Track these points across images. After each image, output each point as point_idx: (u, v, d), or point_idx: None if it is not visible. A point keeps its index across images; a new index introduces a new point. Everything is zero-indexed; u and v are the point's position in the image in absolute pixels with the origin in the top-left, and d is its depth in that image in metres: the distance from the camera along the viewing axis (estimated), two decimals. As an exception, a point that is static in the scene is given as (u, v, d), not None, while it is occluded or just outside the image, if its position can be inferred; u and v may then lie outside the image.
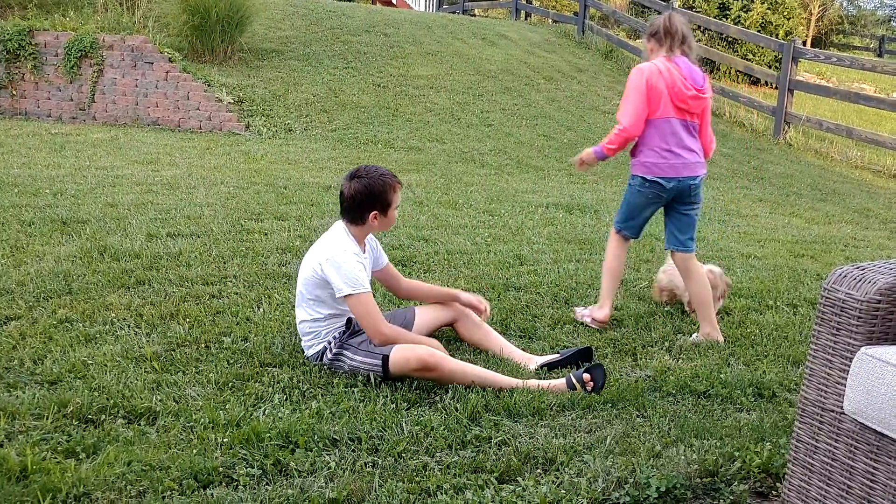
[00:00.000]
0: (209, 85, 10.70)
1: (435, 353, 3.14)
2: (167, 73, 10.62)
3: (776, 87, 13.02)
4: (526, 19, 19.44)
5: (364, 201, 3.35)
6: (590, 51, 15.71)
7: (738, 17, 18.83)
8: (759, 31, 16.99)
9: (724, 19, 18.69)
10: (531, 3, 21.94)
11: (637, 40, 21.06)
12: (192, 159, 8.25)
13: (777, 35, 17.18)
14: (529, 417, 2.94)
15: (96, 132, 9.64)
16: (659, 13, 16.72)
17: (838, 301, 2.22)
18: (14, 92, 10.64)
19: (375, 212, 3.39)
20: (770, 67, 15.92)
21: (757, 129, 12.74)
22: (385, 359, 3.16)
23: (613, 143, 4.16)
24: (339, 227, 3.42)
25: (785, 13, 18.17)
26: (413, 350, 3.14)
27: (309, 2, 15.72)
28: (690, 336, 3.97)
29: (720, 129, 12.57)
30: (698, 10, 19.08)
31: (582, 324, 4.04)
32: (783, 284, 5.04)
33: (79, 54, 10.55)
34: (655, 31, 4.02)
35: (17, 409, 2.73)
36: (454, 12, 20.37)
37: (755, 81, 16.85)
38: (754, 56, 17.06)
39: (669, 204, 4.13)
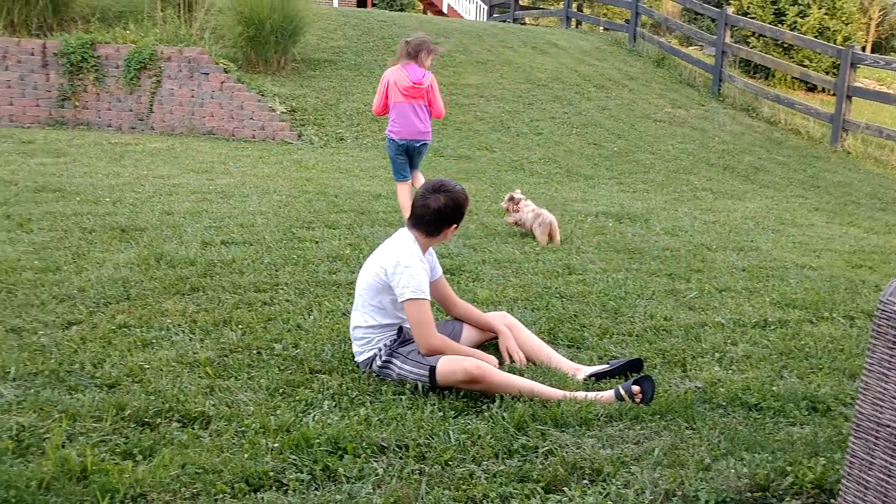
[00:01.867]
0: (263, 95, 10.90)
1: (481, 366, 3.15)
2: (222, 83, 10.85)
3: (834, 94, 12.74)
4: (577, 27, 19.38)
5: (451, 215, 3.41)
6: (641, 58, 15.58)
7: (795, 22, 18.48)
8: (816, 37, 16.67)
9: (780, 25, 18.36)
10: (582, 12, 21.86)
11: (690, 47, 20.81)
12: (245, 168, 8.41)
13: (835, 41, 16.83)
14: (576, 427, 2.93)
15: (154, 142, 9.89)
16: (713, 20, 16.44)
17: (895, 314, 2.17)
18: (77, 103, 10.98)
19: (455, 225, 3.45)
20: (827, 74, 15.60)
21: (813, 136, 12.48)
22: (432, 369, 3.18)
23: None
24: (406, 235, 3.46)
25: (843, 18, 17.77)
26: (459, 362, 3.16)
27: (361, 12, 15.91)
28: None
29: (775, 137, 12.36)
30: (753, 15, 18.77)
31: (631, 334, 4.01)
32: (839, 296, 4.93)
33: (138, 66, 10.85)
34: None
35: (79, 412, 2.82)
36: (505, 21, 20.39)
37: (812, 88, 16.53)
38: (811, 62, 16.74)
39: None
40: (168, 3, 12.01)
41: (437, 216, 3.40)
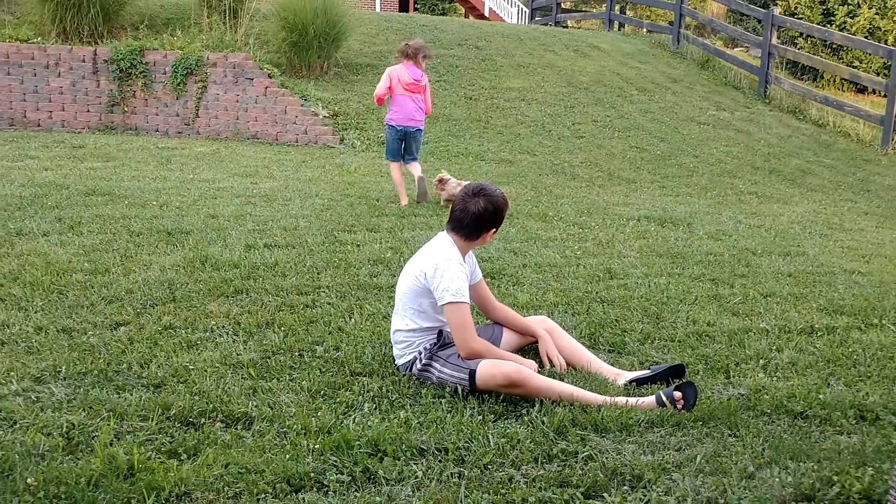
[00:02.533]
0: (306, 99, 11.02)
1: (521, 370, 3.15)
2: (266, 88, 10.99)
3: (885, 95, 12.46)
4: (620, 30, 19.23)
5: (490, 219, 3.42)
6: (685, 60, 15.41)
7: (844, 22, 18.13)
8: (866, 37, 16.32)
9: (829, 25, 18.04)
10: (625, 14, 21.70)
11: (735, 49, 20.53)
12: (288, 172, 8.51)
13: (886, 41, 16.44)
14: (617, 433, 2.91)
15: (199, 146, 10.07)
16: (759, 21, 16.19)
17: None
18: (126, 108, 11.22)
19: (494, 229, 3.47)
20: (878, 75, 15.26)
21: (863, 139, 12.22)
22: (472, 373, 3.19)
23: None
24: (445, 238, 3.47)
25: (894, 18, 17.35)
26: (499, 366, 3.16)
27: (403, 16, 16.00)
28: None
29: (823, 140, 12.14)
30: (801, 16, 18.47)
31: (673, 340, 3.97)
32: (889, 302, 4.82)
33: (185, 72, 11.05)
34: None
35: (126, 411, 2.89)
36: (547, 24, 20.33)
37: (861, 90, 16.18)
38: (861, 63, 16.40)
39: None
40: (214, 9, 12.21)
41: (476, 220, 3.40)
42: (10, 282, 4.27)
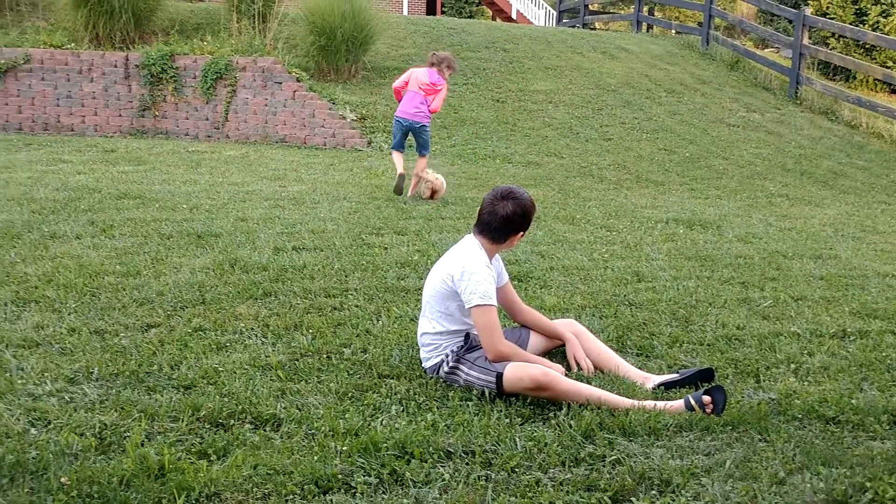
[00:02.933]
0: (334, 103, 11.09)
1: (548, 373, 3.15)
2: (294, 92, 11.07)
3: (919, 96, 12.26)
4: (648, 31, 19.11)
5: (518, 222, 3.41)
6: (714, 62, 15.27)
7: (877, 22, 17.88)
8: (899, 37, 16.04)
9: (862, 25, 17.79)
10: (653, 15, 21.56)
11: (765, 50, 20.31)
12: (316, 175, 8.57)
13: (920, 40, 16.14)
14: (645, 437, 2.90)
15: (229, 149, 10.16)
16: (790, 21, 16.00)
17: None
18: (156, 112, 11.36)
19: (522, 233, 3.47)
20: (912, 75, 14.96)
21: (897, 140, 12.04)
22: (499, 376, 3.19)
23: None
24: (472, 241, 3.47)
25: (929, 17, 17.11)
26: (526, 369, 3.16)
27: (430, 20, 16.04)
28: None
29: (856, 141, 11.97)
30: (832, 16, 18.24)
31: (702, 343, 3.94)
32: (924, 306, 4.74)
33: (214, 76, 11.16)
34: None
35: (157, 412, 2.92)
36: (574, 26, 20.27)
37: None
38: (895, 63, 16.13)
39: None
40: (243, 14, 12.33)
41: (504, 223, 3.40)
42: (44, 284, 4.34)
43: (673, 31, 18.42)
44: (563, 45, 14.98)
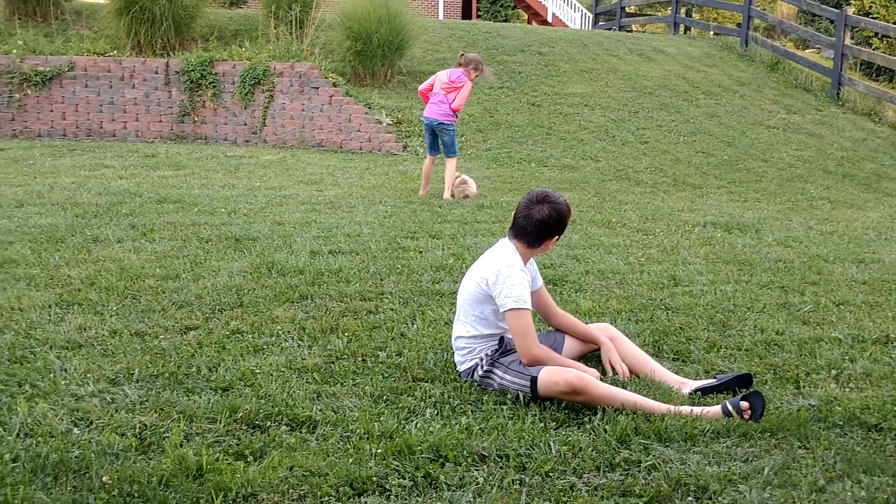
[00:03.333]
0: (370, 107, 11.16)
1: (583, 377, 3.13)
2: (331, 97, 11.16)
3: (966, 96, 11.97)
4: (685, 33, 18.93)
5: (554, 226, 3.41)
6: (753, 63, 15.07)
7: (922, 21, 17.50)
8: (945, 36, 15.71)
9: (906, 24, 17.43)
10: (691, 17, 21.35)
11: (806, 50, 19.99)
12: (352, 179, 8.63)
13: (967, 39, 15.80)
14: (681, 443, 2.87)
15: (266, 154, 10.28)
16: (832, 21, 15.79)
17: None
18: (196, 118, 11.53)
19: (557, 237, 3.46)
20: (959, 74, 14.65)
21: (943, 141, 11.77)
22: (534, 380, 3.18)
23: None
24: (507, 245, 3.47)
25: (977, 15, 16.71)
26: (561, 373, 3.15)
27: (466, 24, 16.07)
28: None
29: (900, 143, 11.71)
30: (876, 15, 17.91)
31: (740, 348, 3.89)
32: (970, 311, 4.63)
33: (252, 82, 11.30)
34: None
35: (195, 413, 2.97)
36: (610, 29, 20.15)
37: (941, 90, 15.56)
38: (940, 63, 15.73)
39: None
40: (281, 20, 12.46)
41: (539, 227, 3.39)
42: (87, 287, 4.43)
43: (711, 33, 18.22)
44: (599, 47, 14.90)
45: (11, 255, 5.00)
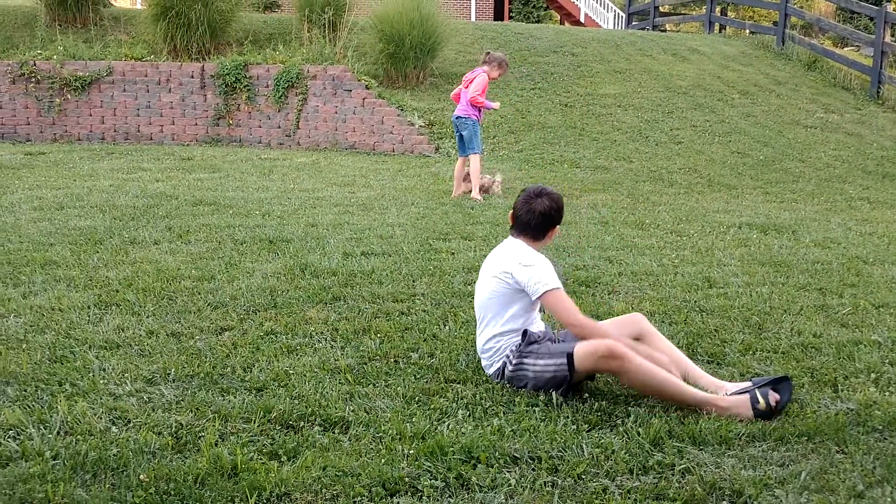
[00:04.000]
0: (402, 109, 11.20)
1: (621, 346, 3.16)
2: (364, 99, 11.23)
3: None
4: (720, 32, 18.71)
5: (555, 216, 3.52)
6: (790, 62, 14.86)
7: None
8: None
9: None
10: (726, 15, 21.11)
11: (845, 48, 19.65)
12: (385, 181, 8.66)
13: None
14: (716, 446, 2.84)
15: (300, 157, 10.36)
16: (871, 19, 15.49)
17: None
18: (230, 121, 11.67)
19: (557, 227, 3.56)
20: None
21: None
22: (570, 356, 3.19)
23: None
24: (515, 242, 3.52)
25: None
26: (601, 340, 3.19)
27: (498, 25, 16.05)
28: None
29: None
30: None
31: (777, 351, 3.84)
32: None
33: (286, 85, 11.41)
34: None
35: (230, 413, 3.00)
36: (644, 29, 19.99)
37: None
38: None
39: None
40: (314, 24, 12.56)
41: (543, 219, 3.48)
42: (124, 288, 4.50)
43: (747, 32, 18.00)
44: (632, 47, 14.80)
45: (52, 256, 5.10)
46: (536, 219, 3.48)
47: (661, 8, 20.70)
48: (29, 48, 12.12)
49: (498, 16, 25.62)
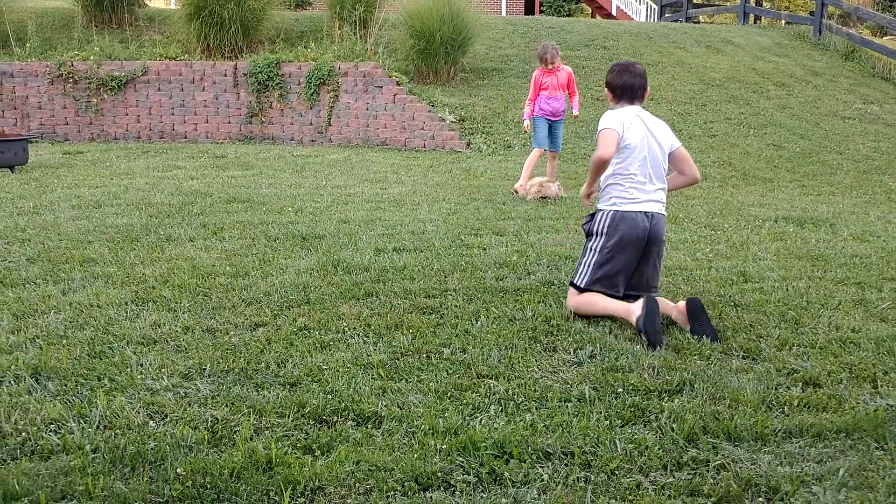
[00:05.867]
0: (433, 105, 11.20)
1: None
2: (395, 95, 11.25)
3: None
4: (755, 23, 18.45)
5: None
6: (827, 52, 14.61)
7: None
8: None
9: None
10: (761, 6, 20.80)
11: (884, 38, 19.26)
12: (416, 177, 8.68)
13: None
14: (751, 442, 2.81)
15: (332, 153, 10.42)
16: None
17: None
18: (263, 119, 11.77)
19: None
20: None
21: None
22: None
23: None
24: (644, 112, 4.20)
25: None
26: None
27: (528, 19, 15.98)
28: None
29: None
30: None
31: (814, 346, 3.78)
32: None
33: (318, 82, 11.47)
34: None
35: (264, 408, 3.03)
36: (677, 21, 19.77)
37: None
38: None
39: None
40: (345, 21, 12.62)
41: (645, 78, 4.22)
42: (161, 284, 4.57)
43: (782, 22, 17.72)
44: (664, 40, 14.65)
45: (90, 254, 5.19)
46: (643, 79, 4.19)
47: (694, -1, 20.46)
48: (67, 49, 12.33)
49: (529, 10, 25.50)
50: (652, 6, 24.04)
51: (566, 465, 2.67)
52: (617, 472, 2.62)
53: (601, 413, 3.02)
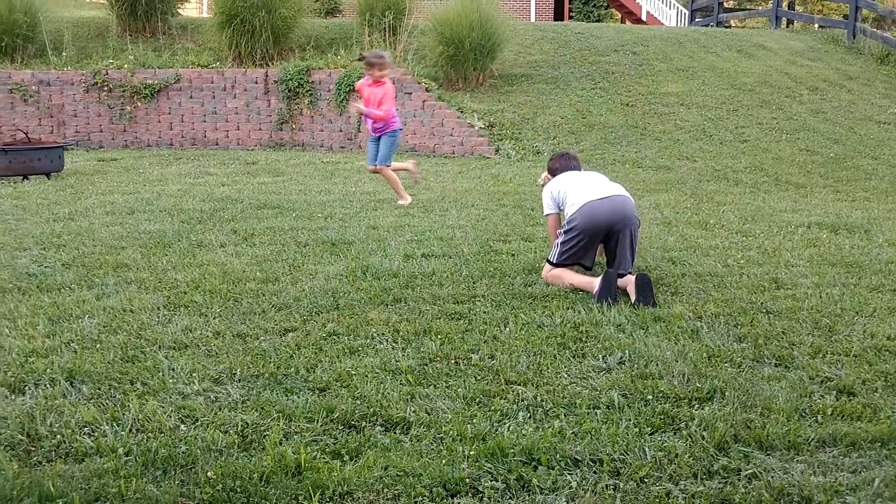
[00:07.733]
0: (462, 112, 11.22)
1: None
2: (424, 101, 11.29)
3: None
4: (788, 27, 18.26)
5: None
6: (862, 56, 14.40)
7: None
8: None
9: None
10: (794, 10, 20.57)
11: (920, 40, 18.91)
12: (445, 183, 8.69)
13: None
14: (784, 451, 2.77)
15: (361, 160, 10.46)
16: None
17: None
18: (293, 126, 11.87)
19: None
20: None
21: None
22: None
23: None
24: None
25: None
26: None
27: (557, 25, 15.96)
28: None
29: None
30: None
31: (848, 354, 3.72)
32: None
33: (347, 89, 11.55)
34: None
35: (293, 412, 3.05)
36: (708, 25, 19.62)
37: None
38: None
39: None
40: (375, 28, 12.69)
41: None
42: (192, 290, 4.62)
43: (815, 26, 17.53)
44: (695, 44, 14.54)
45: (124, 259, 5.27)
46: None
47: (725, 3, 20.29)
48: (102, 58, 12.54)
49: (558, 16, 25.46)
50: (682, 11, 23.88)
51: (595, 472, 2.65)
52: (646, 480, 2.59)
53: (630, 420, 3.00)
